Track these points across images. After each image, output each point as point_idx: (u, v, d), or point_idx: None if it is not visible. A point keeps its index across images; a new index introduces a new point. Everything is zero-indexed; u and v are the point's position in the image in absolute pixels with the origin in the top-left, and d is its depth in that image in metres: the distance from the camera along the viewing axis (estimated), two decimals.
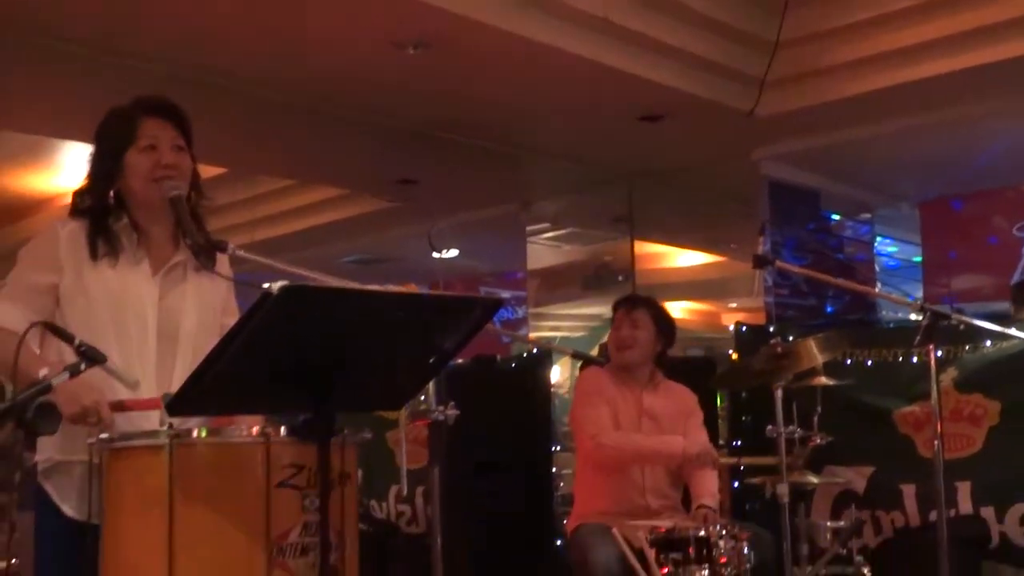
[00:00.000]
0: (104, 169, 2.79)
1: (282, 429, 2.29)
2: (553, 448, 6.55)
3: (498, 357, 6.89)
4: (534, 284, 10.28)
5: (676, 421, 4.76)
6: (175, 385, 2.55)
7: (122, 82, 5.53)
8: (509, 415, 6.23)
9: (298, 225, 9.75)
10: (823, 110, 6.72)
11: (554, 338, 12.20)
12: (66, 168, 8.46)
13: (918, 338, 3.86)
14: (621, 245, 9.76)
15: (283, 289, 1.96)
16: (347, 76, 6.11)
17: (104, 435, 2.34)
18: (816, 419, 4.72)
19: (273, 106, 6.51)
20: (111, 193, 2.79)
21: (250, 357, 2.12)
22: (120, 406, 2.47)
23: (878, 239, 9.04)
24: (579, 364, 6.69)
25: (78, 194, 2.82)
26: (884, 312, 8.21)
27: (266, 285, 1.98)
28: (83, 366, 2.25)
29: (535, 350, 6.76)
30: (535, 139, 7.59)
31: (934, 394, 3.93)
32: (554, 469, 6.50)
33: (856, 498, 5.28)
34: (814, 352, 4.40)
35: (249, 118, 6.71)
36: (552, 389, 6.92)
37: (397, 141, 7.27)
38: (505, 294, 9.99)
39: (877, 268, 8.91)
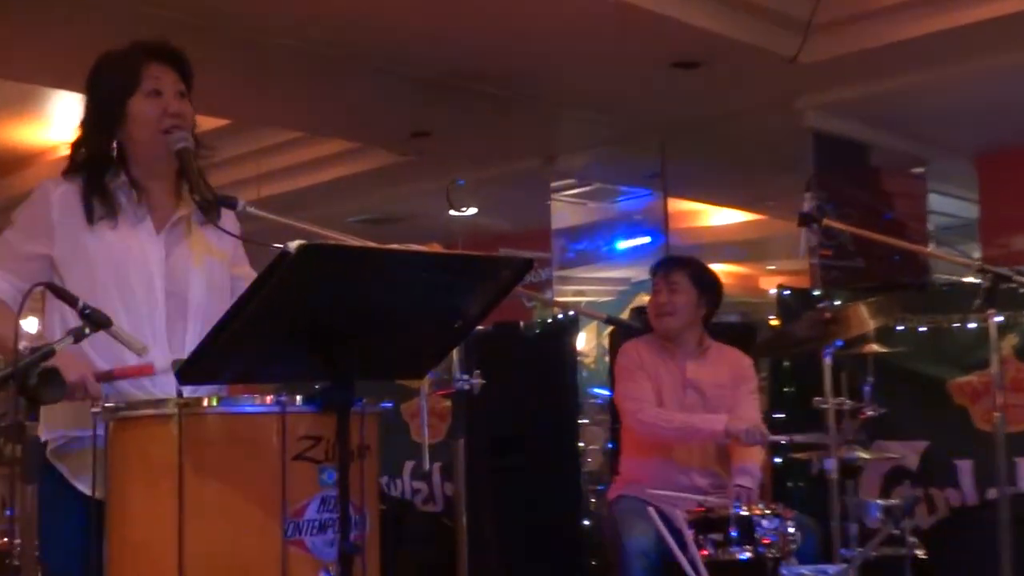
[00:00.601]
0: (103, 118, 2.77)
1: (298, 398, 2.31)
2: (580, 421, 6.57)
3: (521, 323, 6.89)
4: (559, 244, 10.28)
5: (723, 392, 4.76)
6: (187, 348, 2.57)
7: (118, 26, 5.54)
8: (533, 386, 6.24)
9: (304, 181, 9.76)
10: (873, 55, 6.67)
11: (579, 303, 12.20)
12: (58, 120, 8.48)
13: (977, 302, 3.86)
14: (652, 202, 9.75)
15: (301, 248, 1.97)
16: (358, 20, 6.10)
17: (109, 404, 2.36)
18: (867, 390, 4.71)
19: (279, 52, 6.50)
20: (113, 144, 2.77)
21: (265, 321, 2.14)
22: (108, 376, 2.49)
23: (931, 195, 8.99)
24: (608, 331, 6.71)
25: (75, 147, 2.81)
26: (937, 275, 8.17)
27: (278, 244, 1.98)
28: (87, 331, 2.26)
29: (560, 316, 6.74)
30: (560, 88, 7.55)
31: (994, 363, 3.93)
32: (581, 444, 6.51)
33: (908, 475, 5.28)
34: (865, 318, 4.39)
35: (253, 65, 6.71)
36: (578, 358, 6.92)
37: (411, 90, 7.25)
38: (528, 255, 9.99)
39: (930, 226, 8.87)
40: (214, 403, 2.33)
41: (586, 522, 6.16)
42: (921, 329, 5.51)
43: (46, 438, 2.57)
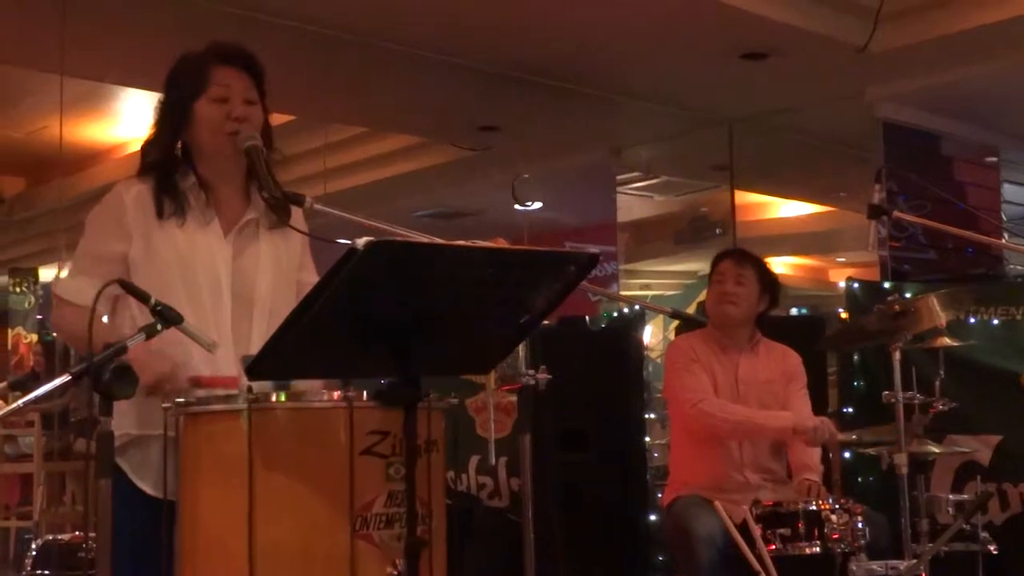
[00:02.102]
0: (172, 118, 2.82)
1: (365, 393, 2.34)
2: (646, 416, 6.56)
3: (587, 318, 6.89)
4: (624, 238, 10.27)
5: (776, 388, 4.73)
6: (253, 348, 2.61)
7: (184, 24, 5.63)
8: (599, 381, 6.23)
9: (370, 177, 9.83)
10: (945, 44, 6.59)
11: (646, 296, 12.18)
12: (126, 118, 8.61)
13: None
14: (719, 195, 9.71)
15: (369, 245, 2.00)
16: (424, 14, 6.13)
17: (180, 399, 2.41)
18: (938, 383, 4.67)
19: (345, 48, 6.55)
20: (179, 144, 2.82)
21: (333, 317, 2.17)
22: (197, 382, 2.54)
23: (1005, 185, 8.87)
24: (674, 324, 6.69)
25: (146, 146, 2.86)
26: (1012, 266, 8.07)
27: (342, 240, 2.00)
28: (159, 327, 2.31)
29: (626, 310, 6.74)
30: (627, 80, 7.55)
31: None
32: (647, 439, 6.51)
33: (981, 470, 5.23)
34: (936, 310, 4.35)
35: (319, 61, 6.76)
36: (644, 352, 6.91)
37: (478, 85, 7.27)
38: (594, 249, 9.99)
39: (1004, 217, 8.76)
40: (283, 398, 2.36)
41: (652, 517, 6.15)
42: (994, 322, 5.46)
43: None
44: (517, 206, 9.23)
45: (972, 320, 5.47)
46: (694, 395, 4.61)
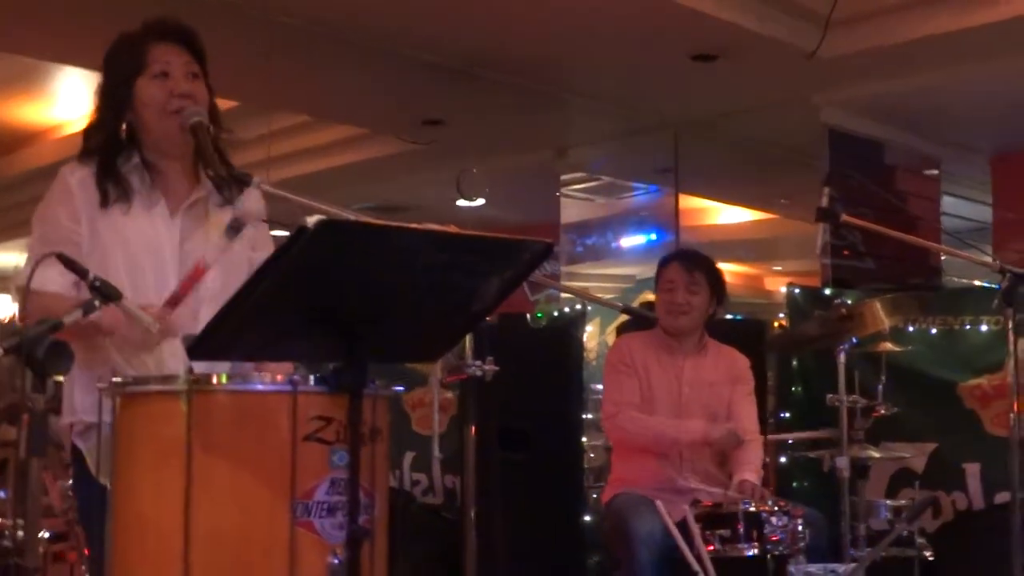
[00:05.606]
0: (113, 101, 2.77)
1: (311, 378, 2.29)
2: (584, 416, 6.55)
3: (528, 315, 6.86)
4: (567, 239, 10.26)
5: (721, 390, 4.73)
6: (199, 329, 2.55)
7: (126, 4, 5.50)
8: (538, 379, 6.21)
9: (312, 167, 9.76)
10: (892, 52, 6.65)
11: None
12: (63, 98, 8.46)
13: (995, 303, 3.85)
14: (663, 199, 9.73)
15: (320, 224, 1.95)
16: (372, 2, 6.08)
17: (116, 379, 2.34)
18: (881, 388, 4.70)
19: (290, 33, 6.48)
20: (123, 127, 2.77)
21: (280, 298, 2.11)
22: (176, 299, 2.52)
23: (944, 197, 8.98)
24: (614, 326, 6.69)
25: (87, 131, 2.81)
26: (949, 277, 8.17)
27: (280, 232, 1.96)
28: (97, 303, 2.25)
29: (567, 309, 6.72)
30: (575, 79, 7.54)
31: (1011, 365, 3.91)
32: (584, 439, 6.50)
33: (915, 476, 5.28)
34: (880, 316, 4.39)
35: (263, 46, 6.68)
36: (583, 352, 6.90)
37: (424, 77, 7.23)
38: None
39: (942, 228, 8.86)
40: (224, 380, 2.29)
41: (587, 518, 6.14)
42: (932, 331, 5.51)
43: (70, 421, 2.64)
44: (460, 201, 9.19)
45: (911, 329, 5.51)
46: (613, 407, 4.65)
